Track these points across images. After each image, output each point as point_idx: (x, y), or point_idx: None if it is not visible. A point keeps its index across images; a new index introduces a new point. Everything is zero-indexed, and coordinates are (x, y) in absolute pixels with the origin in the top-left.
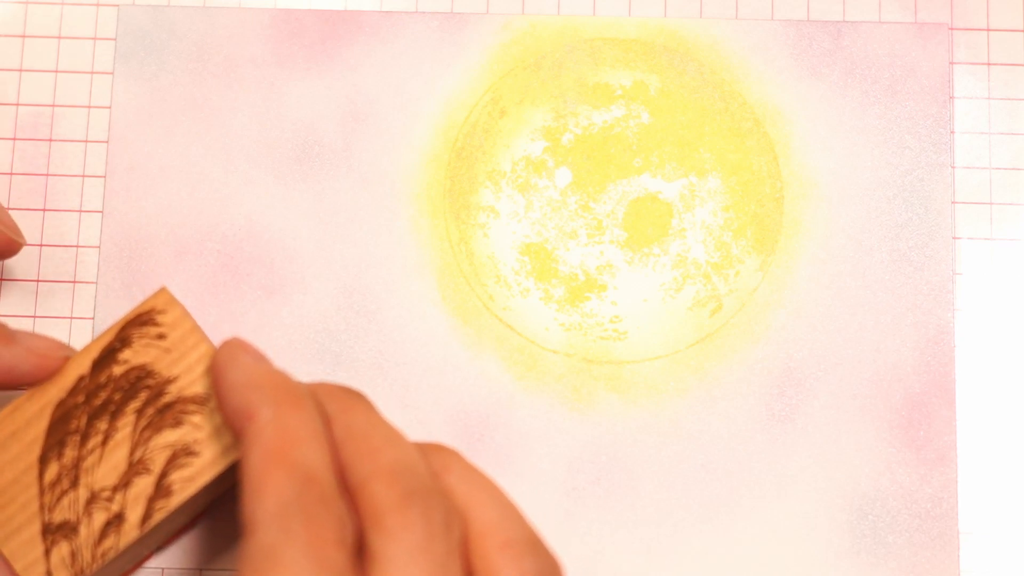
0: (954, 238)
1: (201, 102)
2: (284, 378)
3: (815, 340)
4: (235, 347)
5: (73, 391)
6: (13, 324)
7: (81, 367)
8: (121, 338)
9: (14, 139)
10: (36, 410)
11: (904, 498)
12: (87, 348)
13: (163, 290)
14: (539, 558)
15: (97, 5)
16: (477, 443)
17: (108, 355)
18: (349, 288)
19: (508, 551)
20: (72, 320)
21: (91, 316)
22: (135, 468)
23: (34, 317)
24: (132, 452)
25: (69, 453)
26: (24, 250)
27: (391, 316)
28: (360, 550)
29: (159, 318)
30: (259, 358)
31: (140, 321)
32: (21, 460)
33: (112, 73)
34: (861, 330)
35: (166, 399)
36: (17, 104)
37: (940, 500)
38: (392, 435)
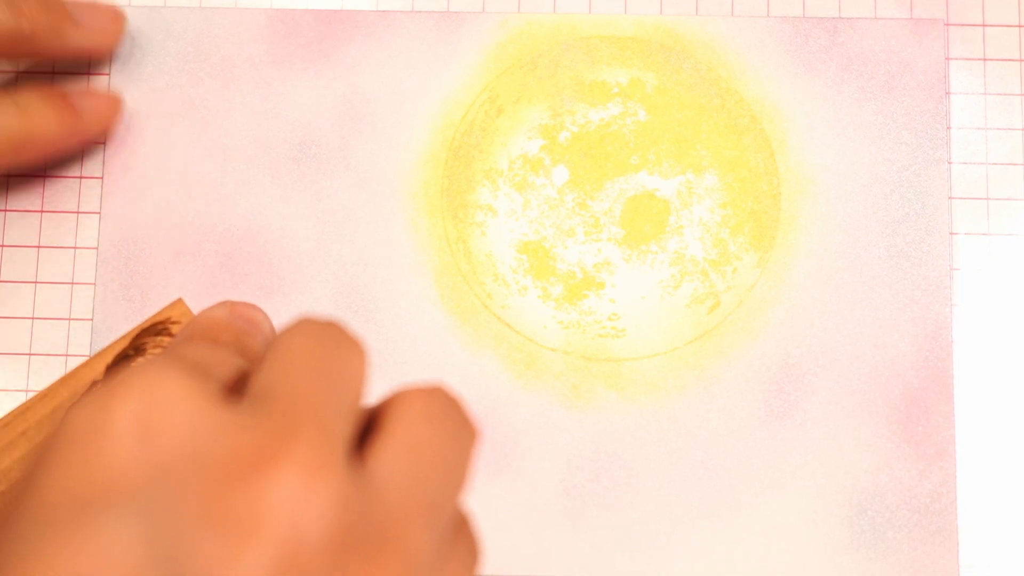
0: (951, 234)
1: (198, 103)
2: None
3: (813, 336)
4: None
5: (86, 395)
6: (11, 326)
7: (95, 372)
8: (135, 346)
9: None
10: (47, 412)
11: (903, 493)
12: (101, 353)
13: (179, 301)
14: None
15: None
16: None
17: (122, 362)
18: (347, 287)
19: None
20: (71, 321)
21: (90, 317)
22: None
23: (32, 318)
24: None
25: None
26: (22, 252)
27: (389, 315)
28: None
29: (174, 328)
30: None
31: (155, 330)
32: (30, 460)
33: (108, 74)
34: (859, 326)
35: None
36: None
37: (939, 495)
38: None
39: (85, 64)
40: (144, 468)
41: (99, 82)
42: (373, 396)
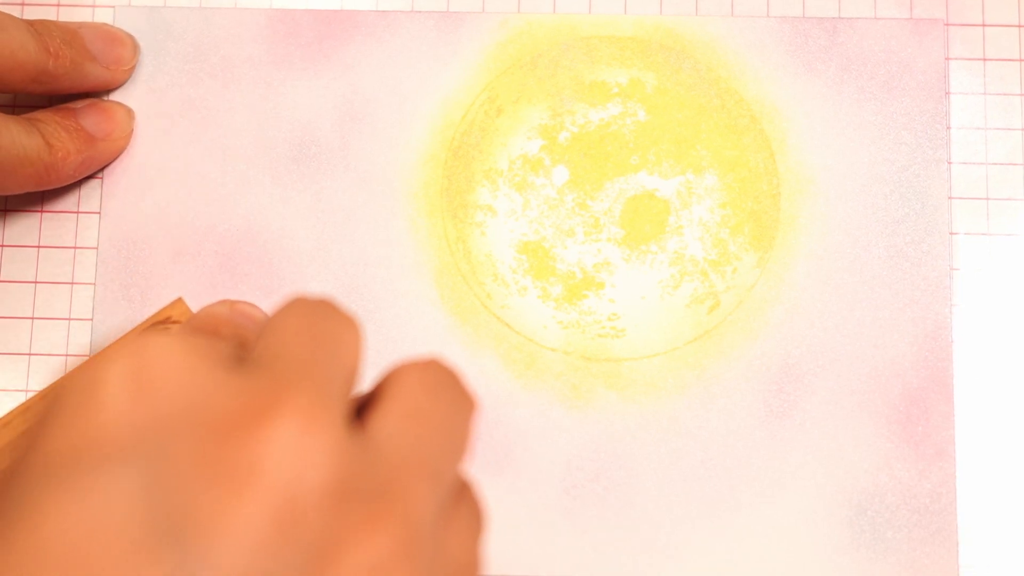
0: (951, 234)
1: (198, 103)
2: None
3: (813, 336)
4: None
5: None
6: (10, 326)
7: None
8: None
9: None
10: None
11: (903, 493)
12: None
13: (179, 300)
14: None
15: (93, 6)
16: (476, 441)
17: None
18: (347, 287)
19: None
20: (71, 321)
21: (89, 318)
22: None
23: (32, 319)
24: None
25: None
26: (22, 252)
27: (389, 315)
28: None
29: (174, 328)
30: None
31: (155, 330)
32: None
33: None
34: (859, 326)
35: None
36: (14, 106)
37: (939, 495)
38: None
39: None
40: (140, 423)
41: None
42: None
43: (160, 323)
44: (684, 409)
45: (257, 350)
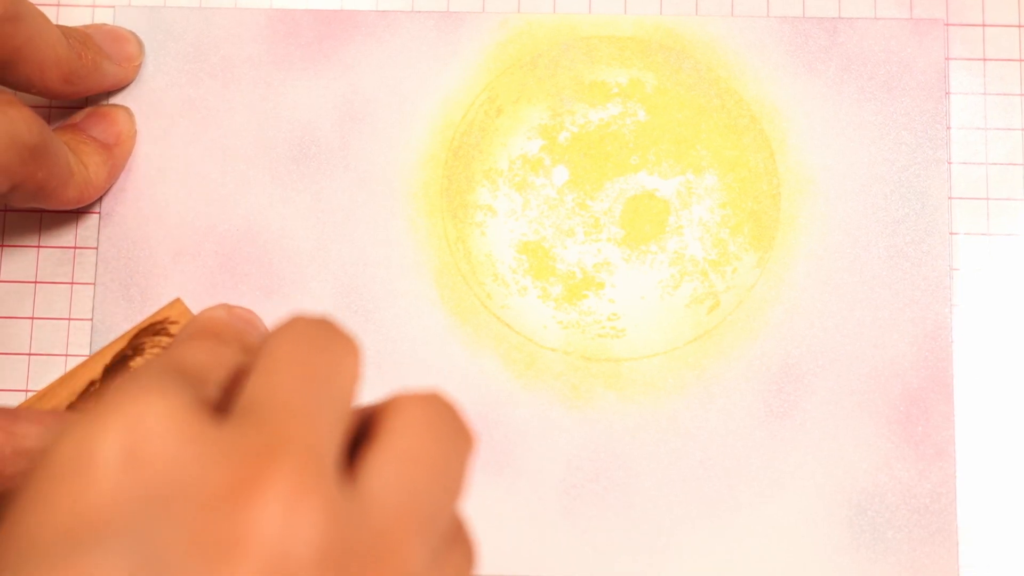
0: (951, 234)
1: (198, 103)
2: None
3: (813, 336)
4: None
5: (84, 395)
6: (10, 326)
7: (93, 372)
8: (134, 346)
9: None
10: (46, 412)
11: (902, 493)
12: (100, 353)
13: (177, 301)
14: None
15: (93, 7)
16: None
17: (120, 362)
18: (347, 288)
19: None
20: (70, 321)
21: (89, 317)
22: None
23: (32, 318)
24: None
25: None
26: (22, 251)
27: (389, 315)
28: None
29: (172, 328)
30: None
31: (154, 330)
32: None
33: None
34: (859, 326)
35: None
36: None
37: (939, 495)
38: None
39: None
40: (131, 499)
41: None
42: (370, 396)
43: (158, 323)
44: (684, 409)
45: (249, 390)
